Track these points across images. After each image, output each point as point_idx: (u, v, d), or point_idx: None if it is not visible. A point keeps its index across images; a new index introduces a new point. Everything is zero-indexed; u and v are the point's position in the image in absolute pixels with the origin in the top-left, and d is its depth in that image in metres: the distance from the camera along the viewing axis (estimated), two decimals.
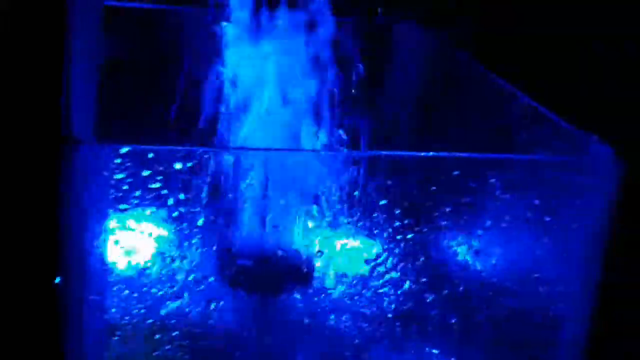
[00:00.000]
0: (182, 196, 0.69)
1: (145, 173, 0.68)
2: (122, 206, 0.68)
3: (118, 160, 0.67)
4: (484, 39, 1.05)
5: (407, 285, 0.76)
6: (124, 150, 0.66)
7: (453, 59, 0.96)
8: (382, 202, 0.73)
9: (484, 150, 0.77)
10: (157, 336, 0.71)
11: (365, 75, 0.90)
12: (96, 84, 1.00)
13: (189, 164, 0.68)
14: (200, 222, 0.70)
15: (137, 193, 0.68)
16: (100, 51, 1.01)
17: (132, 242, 0.70)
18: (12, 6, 0.95)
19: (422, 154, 0.73)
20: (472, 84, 0.91)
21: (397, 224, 0.74)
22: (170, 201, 0.69)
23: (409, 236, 0.74)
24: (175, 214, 0.70)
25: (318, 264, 0.75)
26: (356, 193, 0.72)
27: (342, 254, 0.75)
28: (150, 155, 0.67)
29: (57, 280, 0.86)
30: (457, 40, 0.98)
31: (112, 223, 0.68)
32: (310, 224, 0.74)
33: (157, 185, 0.68)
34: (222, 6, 1.00)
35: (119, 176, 0.67)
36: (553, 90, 0.84)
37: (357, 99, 0.85)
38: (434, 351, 0.78)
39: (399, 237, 0.74)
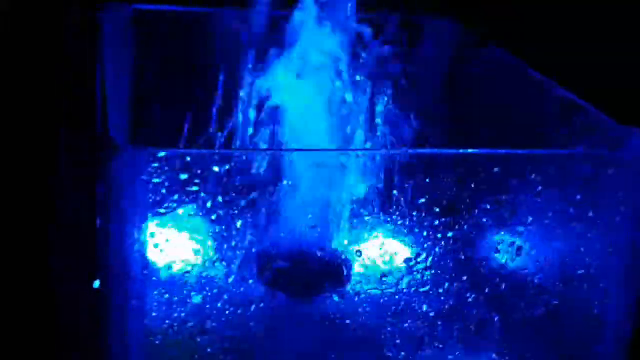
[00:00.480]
0: (219, 199, 0.69)
1: (183, 176, 0.68)
2: (160, 210, 0.68)
3: (156, 164, 0.67)
4: (519, 31, 1.04)
5: (447, 283, 0.75)
6: (162, 154, 0.66)
7: (488, 54, 0.95)
8: (421, 200, 0.73)
9: (522, 145, 0.76)
10: (198, 339, 0.71)
11: (400, 73, 0.89)
12: (127, 89, 1.00)
13: (226, 167, 0.68)
14: (238, 224, 0.70)
15: (175, 196, 0.68)
16: (130, 56, 1.01)
17: (171, 245, 0.70)
18: (12, 6, 0.95)
19: (460, 151, 0.72)
20: (508, 78, 0.90)
21: (436, 222, 0.73)
22: (208, 204, 0.69)
23: (449, 234, 0.74)
24: (214, 216, 0.70)
25: (357, 263, 0.75)
26: (394, 192, 0.72)
27: (381, 253, 0.75)
28: (188, 159, 0.67)
29: (96, 284, 0.87)
30: (490, 35, 0.98)
31: (151, 227, 0.68)
32: (348, 224, 0.74)
33: (195, 188, 0.68)
34: (253, 7, 1.00)
35: (157, 180, 0.67)
36: (592, 82, 0.83)
37: (393, 98, 0.85)
38: (476, 349, 0.77)
39: (438, 235, 0.73)
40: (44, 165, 0.95)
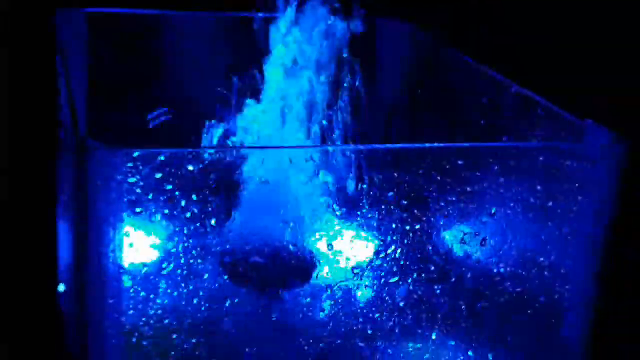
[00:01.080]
0: (194, 197, 0.70)
1: (157, 175, 0.69)
2: (135, 209, 0.69)
3: (130, 164, 0.67)
4: (471, 32, 1.07)
5: (415, 274, 0.77)
6: (136, 154, 0.67)
7: (442, 53, 0.97)
8: (387, 194, 0.75)
9: (481, 140, 0.79)
10: (174, 335, 0.72)
11: (359, 71, 0.91)
12: (85, 91, 1.00)
13: (199, 165, 0.69)
14: (212, 221, 0.71)
15: (150, 195, 0.69)
16: (87, 58, 1.02)
17: (146, 244, 0.71)
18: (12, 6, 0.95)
19: (423, 145, 0.74)
20: (464, 76, 0.93)
21: (403, 215, 0.75)
22: (182, 202, 0.70)
23: (415, 226, 0.76)
24: (188, 214, 0.70)
25: (328, 257, 0.76)
26: (361, 186, 0.74)
27: (350, 247, 0.76)
28: (162, 158, 0.68)
29: (61, 288, 0.87)
30: (444, 35, 1.00)
31: (126, 226, 0.68)
32: (318, 219, 0.75)
33: (169, 187, 0.69)
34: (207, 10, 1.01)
35: (132, 180, 0.68)
36: (547, 78, 0.86)
37: (353, 95, 0.87)
38: (443, 339, 0.80)
39: (406, 227, 0.75)
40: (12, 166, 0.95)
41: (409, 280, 0.77)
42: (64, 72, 0.83)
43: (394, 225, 0.75)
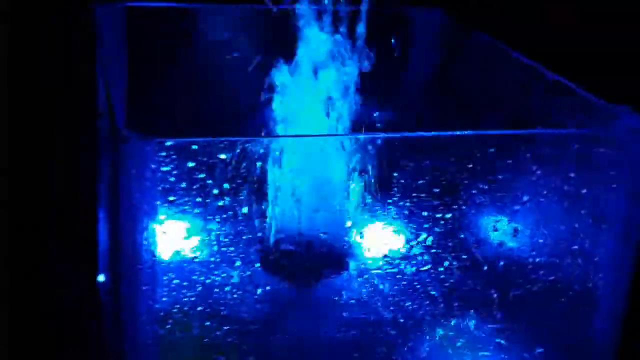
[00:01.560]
0: (226, 185, 0.71)
1: (190, 165, 0.70)
2: (169, 198, 0.70)
3: (163, 153, 0.68)
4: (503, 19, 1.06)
5: (446, 263, 0.77)
6: (169, 143, 0.68)
7: (474, 40, 0.97)
8: (418, 182, 0.75)
9: (513, 127, 0.79)
10: (207, 323, 0.73)
11: (390, 60, 0.91)
12: (125, 83, 1.01)
13: (231, 154, 0.70)
14: (244, 209, 0.72)
15: (183, 184, 0.70)
16: (125, 51, 1.03)
17: (180, 232, 0.72)
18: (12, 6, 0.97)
19: (452, 133, 0.74)
20: (495, 63, 0.93)
21: (434, 203, 0.75)
22: (215, 191, 0.71)
23: (447, 215, 0.76)
24: (220, 203, 0.71)
25: (359, 245, 0.77)
26: (394, 174, 0.74)
27: (381, 235, 0.77)
28: (194, 147, 0.69)
29: (101, 278, 0.88)
30: (476, 23, 1.00)
31: (160, 215, 0.69)
32: (349, 207, 0.76)
33: (202, 175, 0.70)
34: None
35: (165, 169, 0.69)
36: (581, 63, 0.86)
37: (385, 84, 0.87)
38: (474, 326, 0.80)
39: (437, 215, 0.76)
40: (46, 159, 0.97)
41: (442, 269, 0.77)
42: (103, 65, 0.84)
43: (425, 214, 0.76)
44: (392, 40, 0.89)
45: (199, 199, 0.71)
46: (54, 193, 0.97)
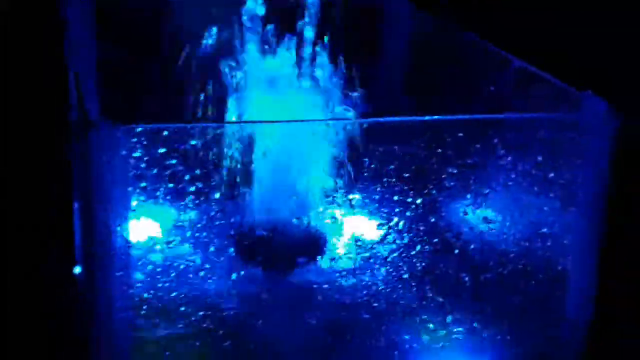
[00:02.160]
0: (197, 171, 0.71)
1: (161, 150, 0.70)
2: (140, 184, 0.70)
3: (134, 140, 0.69)
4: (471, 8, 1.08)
5: (419, 247, 0.78)
6: (139, 129, 0.69)
7: (444, 30, 0.98)
8: (389, 167, 0.76)
9: (482, 113, 0.80)
10: (182, 308, 0.74)
11: (364, 49, 0.92)
12: (95, 73, 1.02)
13: (203, 140, 0.71)
14: (217, 195, 0.73)
15: (154, 171, 0.70)
16: (95, 42, 1.03)
17: (153, 218, 0.72)
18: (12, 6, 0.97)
19: (424, 117, 0.75)
20: (465, 51, 0.94)
21: (405, 187, 0.76)
22: (187, 177, 0.72)
23: (419, 200, 0.77)
24: (192, 188, 0.72)
25: (331, 230, 0.78)
26: (365, 159, 0.75)
27: (354, 219, 0.78)
28: (165, 133, 0.70)
29: (77, 269, 0.88)
30: (445, 13, 1.01)
31: (132, 200, 0.70)
32: (322, 192, 0.77)
33: (173, 162, 0.71)
34: None
35: (136, 155, 0.69)
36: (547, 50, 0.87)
37: (359, 72, 0.88)
38: (449, 310, 0.81)
39: (408, 200, 0.76)
40: (18, 151, 0.97)
41: (413, 253, 0.78)
42: (72, 54, 0.85)
43: (396, 198, 0.76)
44: (362, 31, 0.90)
45: (170, 185, 0.71)
46: (29, 185, 0.97)
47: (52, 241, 0.94)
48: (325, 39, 0.87)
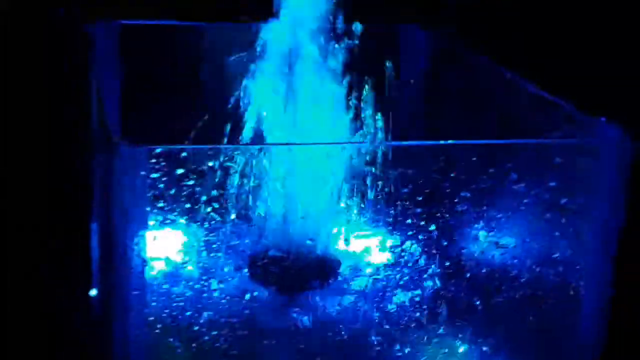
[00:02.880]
0: (214, 192, 0.73)
1: (180, 171, 0.71)
2: (158, 204, 0.71)
3: (153, 160, 0.70)
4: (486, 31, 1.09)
5: (431, 270, 0.79)
6: (158, 150, 0.70)
7: (459, 55, 0.99)
8: (403, 190, 0.77)
9: (499, 138, 0.81)
10: (196, 327, 0.75)
11: (380, 74, 0.93)
12: (118, 94, 1.03)
13: (220, 162, 0.72)
14: (232, 216, 0.74)
15: (172, 191, 0.72)
16: (119, 64, 1.05)
17: (170, 238, 0.73)
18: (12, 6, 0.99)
19: (439, 142, 0.76)
20: (480, 76, 0.95)
21: (418, 210, 0.77)
22: (204, 197, 0.73)
23: (433, 223, 0.77)
24: (209, 209, 0.73)
25: (346, 252, 0.78)
26: (379, 182, 0.76)
27: (368, 241, 0.78)
28: (183, 155, 0.71)
29: (93, 293, 0.89)
30: (459, 37, 1.02)
31: (150, 220, 0.71)
32: (336, 214, 0.78)
33: (191, 182, 0.72)
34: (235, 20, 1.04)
35: (155, 175, 0.71)
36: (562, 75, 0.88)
37: (374, 97, 0.89)
38: (463, 333, 0.81)
39: (421, 223, 0.77)
40: (43, 169, 0.98)
41: (427, 276, 0.79)
42: (97, 79, 0.86)
43: (410, 222, 0.77)
44: (377, 56, 0.91)
45: (188, 205, 0.72)
46: (49, 201, 0.98)
47: (69, 261, 0.96)
48: (341, 64, 0.88)
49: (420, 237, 0.78)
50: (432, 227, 0.78)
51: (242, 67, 0.92)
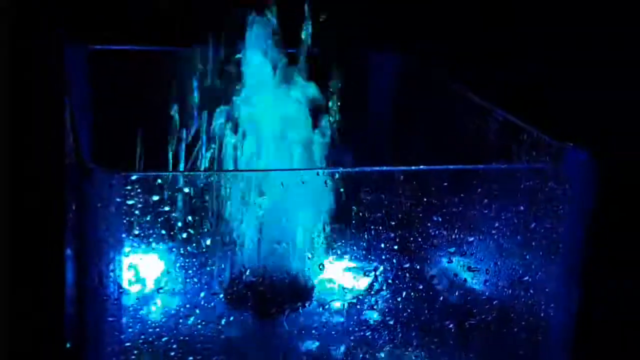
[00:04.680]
0: (190, 218, 0.73)
1: (155, 198, 0.72)
2: (134, 230, 0.72)
3: (128, 187, 0.71)
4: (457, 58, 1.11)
5: (404, 293, 0.80)
6: (134, 177, 0.70)
7: (429, 80, 1.01)
8: (375, 215, 0.78)
9: (465, 164, 0.82)
10: (172, 353, 0.75)
11: (349, 101, 0.95)
12: (88, 119, 1.04)
13: (195, 188, 0.72)
14: (208, 242, 0.74)
15: (148, 217, 0.72)
16: (90, 89, 1.05)
17: (145, 264, 0.74)
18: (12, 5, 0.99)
19: (408, 168, 0.77)
20: (449, 101, 0.97)
21: (391, 235, 0.78)
22: (179, 223, 0.73)
23: (404, 247, 0.79)
24: (184, 235, 0.73)
25: (320, 277, 0.79)
26: (352, 207, 0.77)
27: (342, 266, 0.79)
28: (159, 182, 0.71)
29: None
30: (431, 62, 1.04)
31: (125, 247, 0.71)
32: (311, 240, 0.78)
33: (166, 209, 0.72)
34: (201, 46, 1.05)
35: (130, 202, 0.71)
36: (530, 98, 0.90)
37: (344, 123, 0.90)
38: (436, 355, 0.82)
39: (395, 247, 0.78)
40: (14, 189, 0.98)
41: (399, 299, 0.80)
42: (70, 105, 0.86)
43: (383, 246, 0.78)
44: (351, 83, 0.92)
45: (163, 232, 0.73)
46: (21, 227, 0.98)
47: (42, 288, 0.95)
48: (313, 90, 0.89)
49: (393, 261, 0.79)
50: (405, 252, 0.79)
51: (214, 92, 0.93)
